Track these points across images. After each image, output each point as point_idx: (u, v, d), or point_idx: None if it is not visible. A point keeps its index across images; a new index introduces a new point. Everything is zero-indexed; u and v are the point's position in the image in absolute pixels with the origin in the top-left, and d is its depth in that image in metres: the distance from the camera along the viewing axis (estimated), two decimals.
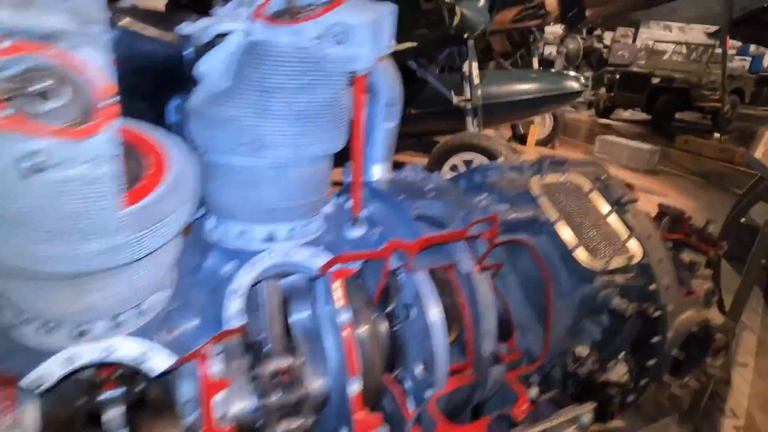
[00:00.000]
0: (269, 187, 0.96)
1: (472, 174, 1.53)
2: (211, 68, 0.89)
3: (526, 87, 5.62)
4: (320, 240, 1.10)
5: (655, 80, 11.31)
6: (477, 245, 1.29)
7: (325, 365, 1.17)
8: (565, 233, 1.25)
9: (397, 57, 4.64)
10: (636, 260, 1.29)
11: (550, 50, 14.41)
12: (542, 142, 8.98)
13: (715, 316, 1.58)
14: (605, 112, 12.89)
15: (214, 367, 0.99)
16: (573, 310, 1.27)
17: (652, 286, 1.31)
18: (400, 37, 4.30)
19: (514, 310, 1.40)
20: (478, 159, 4.71)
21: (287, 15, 0.84)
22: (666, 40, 17.35)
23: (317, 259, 1.04)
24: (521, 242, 1.29)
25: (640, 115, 12.88)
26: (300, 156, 0.93)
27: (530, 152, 8.60)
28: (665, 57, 14.88)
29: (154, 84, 1.23)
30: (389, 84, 1.24)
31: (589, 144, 9.13)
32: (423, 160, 5.14)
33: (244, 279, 0.95)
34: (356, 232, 1.14)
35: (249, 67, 0.85)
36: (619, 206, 1.38)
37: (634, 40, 18.44)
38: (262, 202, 0.97)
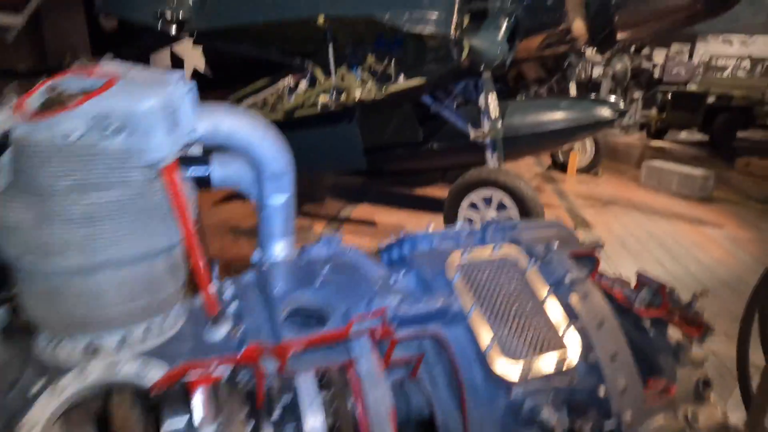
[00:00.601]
0: (75, 296, 0.82)
1: (400, 244, 1.34)
2: (1, 166, 0.78)
3: (552, 117, 5.33)
4: (170, 344, 0.95)
5: (711, 98, 10.57)
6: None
7: None
8: (481, 327, 1.03)
9: (408, 94, 4.52)
10: (573, 359, 1.04)
11: (598, 71, 13.93)
12: (584, 170, 8.53)
13: (712, 414, 1.28)
14: (658, 134, 12.17)
15: None
16: (497, 421, 1.03)
17: (601, 390, 1.05)
18: (409, 73, 4.19)
19: (440, 410, 1.18)
20: (497, 195, 4.46)
21: (50, 106, 0.71)
22: (726, 54, 16.38)
23: (151, 372, 0.88)
24: (434, 336, 1.08)
25: (697, 136, 12.07)
26: (102, 261, 0.79)
27: (570, 181, 8.18)
28: (726, 73, 14.02)
29: None
30: (271, 155, 1.09)
31: (637, 170, 8.56)
32: None
33: (44, 407, 0.81)
34: (216, 333, 0.97)
35: (18, 168, 0.73)
36: (562, 287, 1.14)
37: (690, 57, 17.50)
38: (70, 312, 0.84)
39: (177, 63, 8.30)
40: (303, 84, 4.69)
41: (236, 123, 1.02)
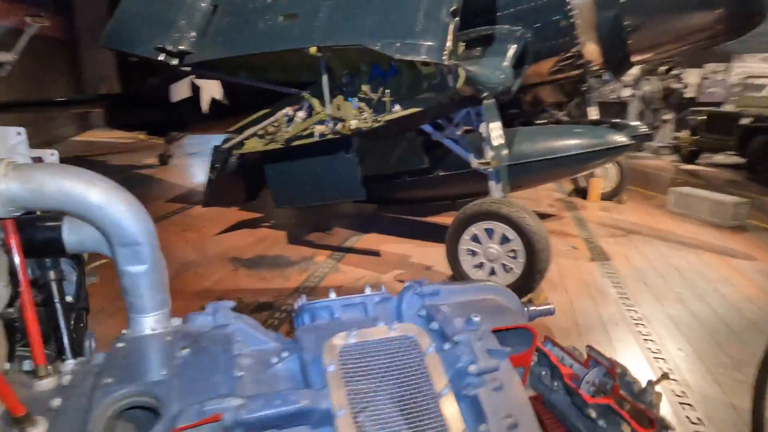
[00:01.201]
0: None
1: (302, 313, 1.16)
2: None
3: (563, 143, 5.08)
4: None
5: (747, 119, 10.02)
6: None
7: None
8: None
9: (406, 122, 4.38)
10: None
11: (628, 93, 13.56)
12: (608, 196, 8.15)
13: None
14: (691, 157, 11.63)
15: None
16: None
17: None
18: (405, 102, 4.04)
19: None
20: (499, 228, 4.23)
21: None
22: (765, 73, 15.69)
23: None
24: None
25: (733, 159, 11.46)
26: None
27: (593, 208, 7.82)
28: (763, 92, 13.36)
29: None
30: (116, 221, 0.94)
31: (666, 196, 8.11)
32: None
33: None
34: None
35: None
36: (467, 377, 0.93)
37: (727, 76, 16.84)
38: None
39: (196, 92, 8.46)
40: (301, 113, 4.61)
41: (67, 185, 0.88)
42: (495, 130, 4.43)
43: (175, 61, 4.46)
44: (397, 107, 4.09)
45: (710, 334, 3.90)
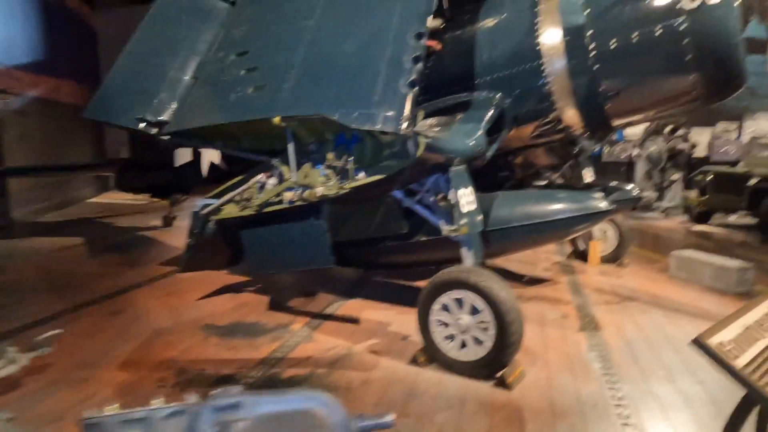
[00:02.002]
0: None
1: (83, 427, 1.05)
2: None
3: (542, 209, 4.94)
4: None
5: (755, 180, 9.74)
6: None
7: None
8: None
9: (371, 189, 4.33)
10: None
11: (635, 152, 13.49)
12: (608, 259, 7.88)
13: None
14: (702, 218, 11.28)
15: None
16: None
17: None
18: (369, 169, 4.00)
19: None
20: (468, 298, 4.05)
21: None
22: None
23: None
24: None
25: (746, 220, 11.08)
26: None
27: (591, 272, 7.54)
28: None
29: None
30: None
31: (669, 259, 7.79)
32: None
33: None
34: None
35: None
36: None
37: (739, 135, 16.70)
38: None
39: (197, 156, 8.69)
40: (273, 180, 4.62)
41: None
42: (465, 197, 4.35)
43: (154, 131, 4.57)
44: (361, 174, 4.06)
45: (697, 417, 3.57)
